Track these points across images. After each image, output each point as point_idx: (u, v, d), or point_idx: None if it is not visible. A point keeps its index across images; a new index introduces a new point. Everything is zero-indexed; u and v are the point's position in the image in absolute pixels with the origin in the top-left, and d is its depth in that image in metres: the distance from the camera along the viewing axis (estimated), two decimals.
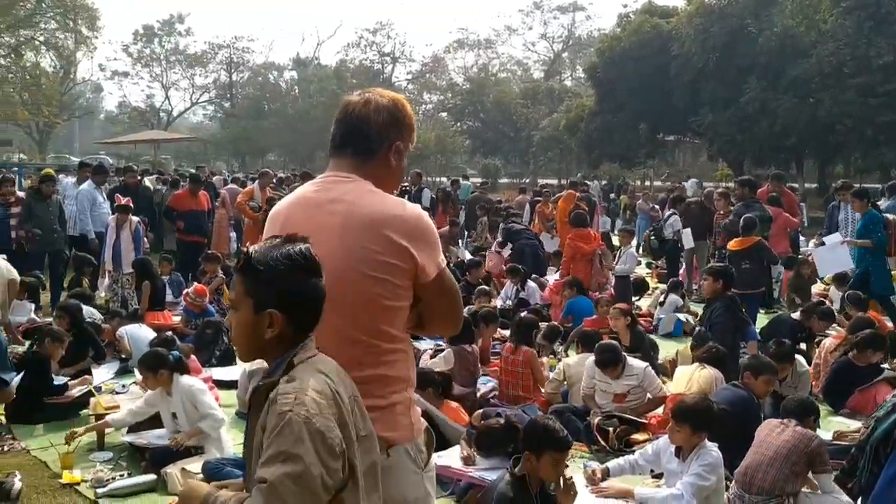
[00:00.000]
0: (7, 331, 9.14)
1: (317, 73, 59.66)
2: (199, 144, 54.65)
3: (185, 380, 6.00)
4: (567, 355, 9.10)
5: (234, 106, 60.47)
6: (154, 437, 6.03)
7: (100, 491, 5.35)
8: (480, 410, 5.76)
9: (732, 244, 9.54)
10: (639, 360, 6.89)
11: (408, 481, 2.45)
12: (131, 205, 11.67)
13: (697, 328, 7.63)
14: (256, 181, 14.76)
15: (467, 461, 5.24)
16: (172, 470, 5.51)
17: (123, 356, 8.41)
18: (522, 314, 8.28)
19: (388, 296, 2.41)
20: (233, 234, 16.06)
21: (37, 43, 43.03)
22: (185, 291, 10.37)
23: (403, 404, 2.47)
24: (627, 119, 35.08)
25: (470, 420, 5.69)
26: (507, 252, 13.38)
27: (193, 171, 19.81)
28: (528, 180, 46.83)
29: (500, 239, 13.84)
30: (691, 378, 6.29)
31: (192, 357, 7.21)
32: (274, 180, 15.47)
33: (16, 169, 18.99)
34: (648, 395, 6.75)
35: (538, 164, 53.61)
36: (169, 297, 11.33)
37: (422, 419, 2.54)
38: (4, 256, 9.28)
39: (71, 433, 5.96)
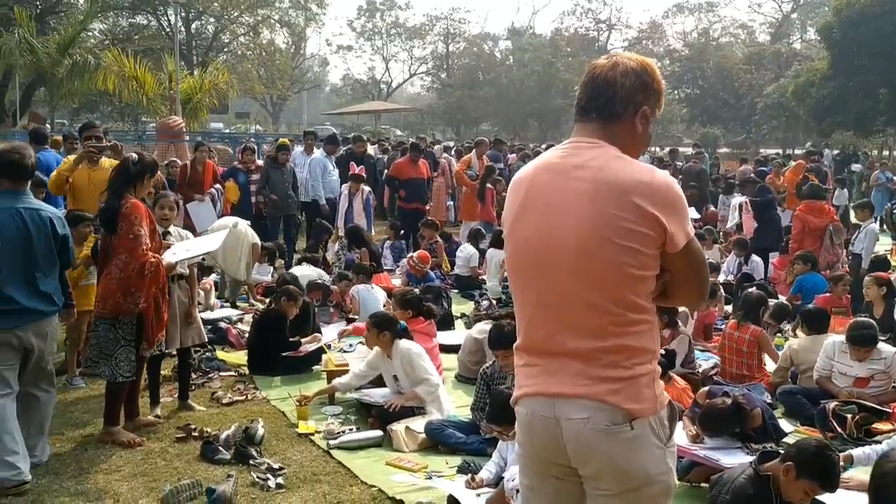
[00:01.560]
0: (250, 290, 9.92)
1: (531, 42, 59.50)
2: (416, 114, 56.32)
3: (404, 343, 6.21)
4: (795, 335, 8.60)
5: (450, 76, 61.63)
6: (380, 396, 6.30)
7: (331, 443, 5.66)
8: (705, 389, 5.54)
9: None
10: (888, 345, 6.37)
11: (650, 455, 2.38)
12: (364, 174, 12.23)
13: None
14: (473, 150, 14.98)
15: (695, 439, 5.07)
16: (397, 428, 5.74)
17: (351, 317, 8.84)
18: (750, 290, 7.85)
19: (636, 265, 2.34)
20: (450, 203, 16.44)
21: (272, 21, 45.97)
22: (408, 256, 10.73)
23: (648, 376, 2.40)
24: (865, 83, 32.27)
25: (694, 398, 5.49)
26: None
27: (414, 140, 20.40)
28: (749, 150, 44.46)
29: (744, 198, 13.14)
30: None
31: (432, 321, 7.43)
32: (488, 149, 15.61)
33: (254, 139, 20.42)
34: (893, 384, 6.22)
35: (761, 132, 50.76)
36: (389, 263, 11.82)
37: (665, 392, 2.46)
38: (248, 223, 10.03)
39: (302, 397, 6.32)
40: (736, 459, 4.70)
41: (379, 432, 5.81)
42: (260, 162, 12.62)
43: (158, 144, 16.81)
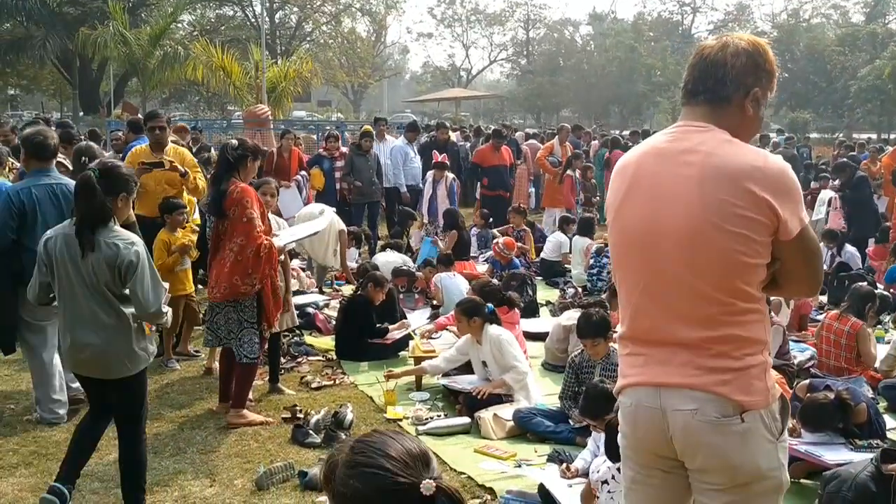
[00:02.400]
0: (344, 276, 10.05)
1: (613, 27, 58.65)
2: (496, 101, 56.19)
3: (494, 330, 6.19)
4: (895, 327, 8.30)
5: (531, 63, 61.23)
6: (467, 383, 6.28)
7: (420, 429, 5.67)
8: (806, 382, 5.36)
9: None
10: None
11: (762, 450, 2.31)
12: (447, 162, 12.23)
13: None
14: (556, 136, 14.83)
15: (792, 433, 4.91)
16: (485, 415, 5.72)
17: (435, 303, 8.86)
18: (861, 284, 7.53)
19: (747, 252, 2.26)
20: (532, 190, 16.32)
21: (353, 10, 46.51)
22: (495, 241, 10.68)
23: (759, 367, 2.32)
24: None
25: (794, 391, 5.32)
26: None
27: (495, 126, 20.31)
28: (841, 135, 42.91)
29: (833, 193, 12.67)
30: None
31: (516, 310, 7.41)
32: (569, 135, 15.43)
33: (336, 127, 20.63)
34: None
35: (854, 116, 48.95)
36: (474, 250, 11.78)
37: (777, 385, 2.37)
38: (334, 209, 10.13)
39: (389, 372, 6.44)
40: (839, 456, 4.54)
41: (467, 419, 5.80)
42: (344, 149, 12.73)
43: (245, 132, 17.11)
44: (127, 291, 4.07)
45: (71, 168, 6.69)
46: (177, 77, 25.61)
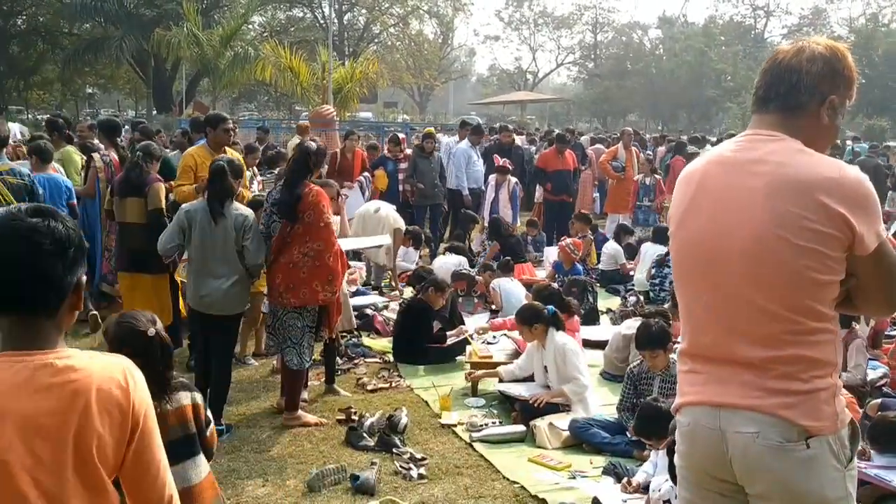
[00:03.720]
0: (391, 277, 10.02)
1: (683, 31, 57.74)
2: (562, 105, 55.85)
3: (560, 337, 6.07)
4: None
5: (598, 66, 60.66)
6: (524, 390, 6.19)
7: (474, 435, 5.60)
8: (877, 401, 5.15)
9: None
10: None
11: (828, 478, 2.18)
12: (510, 166, 12.16)
13: None
14: (620, 141, 14.61)
15: (862, 455, 4.70)
16: (541, 424, 5.63)
17: (494, 307, 8.78)
18: None
19: (819, 268, 2.13)
20: (596, 195, 16.12)
21: (421, 12, 46.71)
22: (563, 238, 10.52)
23: (828, 391, 2.19)
24: None
25: (864, 410, 5.10)
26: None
27: (559, 131, 20.10)
28: None
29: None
30: None
31: (576, 317, 7.30)
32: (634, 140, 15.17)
33: (402, 129, 20.71)
34: None
35: None
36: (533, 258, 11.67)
37: (847, 410, 2.24)
38: (394, 207, 10.12)
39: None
40: None
41: (522, 427, 5.72)
42: (409, 151, 12.74)
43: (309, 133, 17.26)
44: (241, 248, 5.39)
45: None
46: (246, 77, 26.02)
